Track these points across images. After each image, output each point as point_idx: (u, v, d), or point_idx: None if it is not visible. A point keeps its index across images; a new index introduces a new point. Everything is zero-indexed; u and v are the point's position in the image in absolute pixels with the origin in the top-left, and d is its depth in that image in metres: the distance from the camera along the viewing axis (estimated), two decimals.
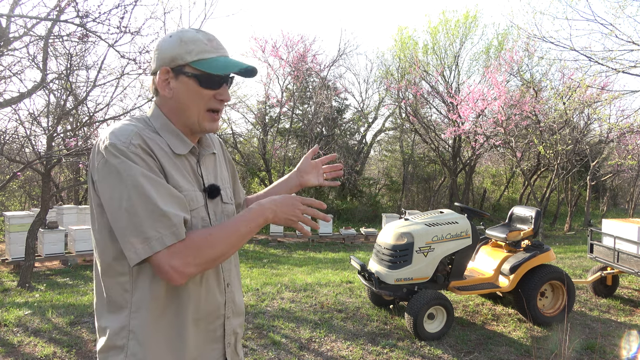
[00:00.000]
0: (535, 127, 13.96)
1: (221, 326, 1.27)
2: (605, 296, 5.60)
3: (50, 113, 9.35)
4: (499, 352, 3.91)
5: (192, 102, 1.17)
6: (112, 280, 1.14)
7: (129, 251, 1.04)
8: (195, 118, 1.19)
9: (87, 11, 4.46)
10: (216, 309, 1.25)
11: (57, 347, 3.58)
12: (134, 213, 1.03)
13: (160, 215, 1.04)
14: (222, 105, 1.21)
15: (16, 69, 6.01)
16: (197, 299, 1.19)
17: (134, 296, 1.12)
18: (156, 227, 1.03)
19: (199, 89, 1.16)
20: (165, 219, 1.04)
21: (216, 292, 1.24)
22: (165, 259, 1.03)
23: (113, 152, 1.06)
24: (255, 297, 5.09)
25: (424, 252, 4.26)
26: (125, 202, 1.04)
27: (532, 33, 8.94)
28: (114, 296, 1.14)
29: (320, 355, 3.71)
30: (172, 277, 1.05)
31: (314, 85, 16.46)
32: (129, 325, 1.12)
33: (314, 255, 10.56)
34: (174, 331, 1.15)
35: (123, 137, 1.09)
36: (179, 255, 1.04)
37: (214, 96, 1.18)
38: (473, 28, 16.52)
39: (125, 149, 1.07)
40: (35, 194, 13.77)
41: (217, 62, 1.15)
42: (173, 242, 1.04)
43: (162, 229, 1.04)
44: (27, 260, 6.87)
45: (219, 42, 1.20)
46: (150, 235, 1.03)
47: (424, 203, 19.27)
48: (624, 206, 22.51)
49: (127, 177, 1.04)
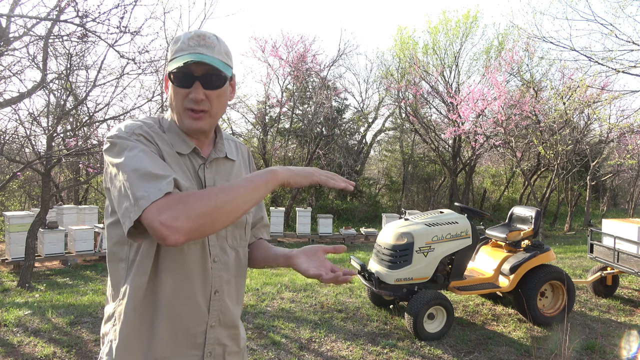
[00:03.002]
0: (535, 127, 13.96)
1: (202, 333, 1.23)
2: (605, 296, 5.60)
3: (50, 113, 9.35)
4: (499, 352, 3.91)
5: (174, 101, 1.21)
6: (114, 267, 1.20)
7: (124, 217, 1.05)
8: (178, 117, 1.22)
9: (86, 11, 4.46)
10: (196, 313, 1.21)
11: (57, 347, 3.58)
12: (128, 181, 1.05)
13: (150, 177, 1.05)
14: (197, 104, 1.18)
15: (16, 69, 6.01)
16: (175, 297, 1.18)
17: (124, 284, 1.17)
18: (145, 188, 1.03)
19: (175, 87, 1.19)
20: (154, 180, 1.04)
21: (199, 296, 1.21)
22: (154, 215, 1.00)
23: (115, 136, 1.14)
24: (255, 297, 5.09)
25: (424, 252, 4.26)
26: (122, 174, 1.07)
27: (532, 33, 8.96)
28: (115, 284, 1.20)
29: (320, 355, 3.71)
30: (164, 234, 0.99)
31: (314, 85, 16.45)
32: (115, 312, 1.18)
33: None
34: (145, 324, 1.17)
35: (128, 128, 1.15)
36: (166, 209, 1.00)
37: (187, 95, 1.18)
38: (473, 28, 16.51)
39: (127, 136, 1.13)
40: (35, 194, 13.76)
41: (179, 59, 1.16)
42: (159, 197, 1.01)
43: (150, 189, 1.03)
44: (27, 260, 6.87)
45: (200, 41, 1.19)
46: (139, 196, 1.02)
47: (424, 203, 19.26)
48: (624, 206, 22.50)
49: (125, 152, 1.09)
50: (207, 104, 1.20)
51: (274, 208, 12.78)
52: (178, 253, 1.17)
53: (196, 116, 1.20)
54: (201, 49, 1.18)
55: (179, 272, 1.18)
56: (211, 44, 1.20)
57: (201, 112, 1.20)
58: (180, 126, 1.23)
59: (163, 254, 1.16)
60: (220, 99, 1.22)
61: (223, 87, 1.22)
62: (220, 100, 1.23)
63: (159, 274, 1.16)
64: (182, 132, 1.23)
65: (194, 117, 1.20)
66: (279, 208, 13.34)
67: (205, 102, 1.19)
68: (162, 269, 1.16)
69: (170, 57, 1.20)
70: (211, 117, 1.22)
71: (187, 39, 1.20)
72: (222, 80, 1.21)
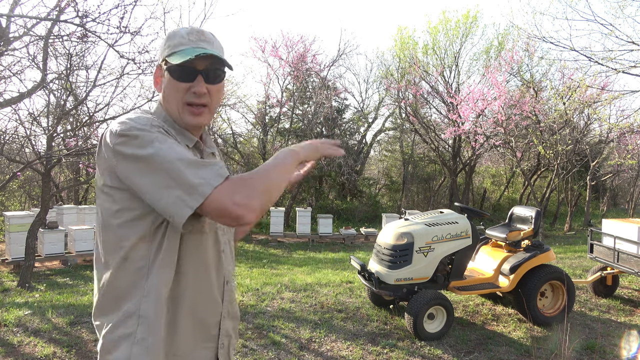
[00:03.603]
0: (535, 127, 13.96)
1: (216, 325, 1.25)
2: (605, 296, 5.60)
3: (50, 113, 9.36)
4: (499, 352, 3.91)
5: (172, 96, 1.19)
6: (127, 270, 1.13)
7: (177, 207, 1.01)
8: (176, 112, 1.20)
9: (86, 11, 4.45)
10: (213, 304, 1.23)
11: (57, 347, 3.58)
12: (175, 170, 1.02)
13: (199, 165, 1.03)
14: (199, 98, 1.18)
15: (16, 69, 6.01)
16: (196, 289, 1.18)
17: (147, 281, 1.12)
18: (200, 174, 1.01)
19: (174, 82, 1.17)
20: (203, 167, 1.03)
21: (215, 287, 1.23)
22: (226, 197, 1.01)
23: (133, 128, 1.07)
24: (255, 297, 5.09)
25: (424, 252, 4.26)
26: (160, 164, 1.03)
27: (532, 33, 8.96)
28: (125, 287, 1.13)
29: (320, 355, 3.71)
30: (240, 214, 1.01)
31: (314, 85, 16.44)
32: (139, 310, 1.11)
33: (314, 255, 10.56)
34: (171, 319, 1.14)
35: (142, 120, 1.10)
36: (236, 190, 1.02)
37: (189, 89, 1.17)
38: (473, 28, 16.51)
39: (148, 127, 1.08)
40: (35, 194, 13.76)
41: (183, 53, 1.15)
42: (220, 181, 1.02)
43: (206, 175, 1.02)
44: (27, 260, 6.87)
45: (200, 36, 1.19)
46: (196, 183, 1.00)
47: (424, 203, 19.26)
48: (624, 206, 22.49)
49: (155, 143, 1.05)
50: (208, 98, 1.20)
51: (274, 208, 12.79)
52: (198, 243, 1.18)
53: (197, 111, 1.20)
54: (202, 44, 1.18)
55: (200, 263, 1.19)
56: (210, 39, 1.21)
57: (201, 106, 1.20)
58: (178, 121, 1.22)
59: (184, 246, 1.16)
60: (219, 93, 1.23)
61: (223, 82, 1.24)
62: (219, 95, 1.23)
63: (181, 266, 1.16)
64: (179, 126, 1.22)
65: (195, 113, 1.20)
66: (279, 208, 13.32)
67: (206, 96, 1.19)
68: (183, 262, 1.16)
69: (169, 52, 1.18)
70: (210, 112, 1.23)
71: (185, 33, 1.19)
72: (223, 74, 1.22)
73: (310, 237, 12.68)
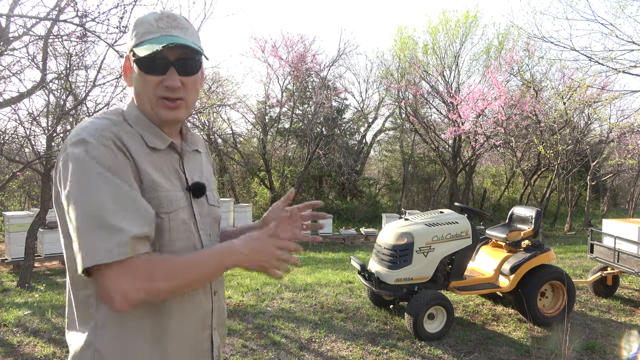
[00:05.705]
0: (535, 127, 13.95)
1: (208, 338, 1.16)
2: (606, 296, 5.59)
3: (49, 113, 9.34)
4: (499, 352, 3.91)
5: (142, 90, 1.06)
6: (78, 292, 1.03)
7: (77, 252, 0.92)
8: (149, 108, 1.07)
9: (86, 11, 4.45)
10: (203, 319, 1.14)
11: (57, 347, 3.57)
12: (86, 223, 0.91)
13: (112, 230, 0.91)
14: (172, 92, 1.05)
15: (16, 69, 6.00)
16: (181, 310, 1.07)
17: (98, 312, 1.00)
18: (104, 240, 0.90)
19: (144, 75, 1.04)
20: (116, 233, 0.91)
21: (202, 300, 1.13)
22: (113, 279, 0.90)
23: (77, 146, 0.95)
24: (255, 297, 5.08)
25: (424, 252, 4.26)
26: (79, 209, 0.92)
27: (532, 33, 8.98)
28: (81, 309, 1.03)
29: (320, 355, 3.71)
30: (116, 301, 0.91)
31: (314, 85, 16.45)
32: (95, 343, 1.00)
33: (313, 255, 10.55)
34: (153, 348, 1.03)
35: (92, 130, 0.97)
36: (129, 278, 0.91)
37: (160, 82, 1.04)
38: (473, 28, 16.51)
39: (94, 141, 0.95)
40: (35, 194, 13.76)
41: (151, 43, 1.01)
42: (120, 259, 0.89)
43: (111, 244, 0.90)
44: (27, 260, 6.86)
45: (172, 22, 1.06)
46: (95, 247, 0.89)
47: (424, 203, 19.26)
48: (624, 206, 22.49)
49: (87, 182, 0.92)
50: (183, 92, 1.07)
51: None
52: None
53: (172, 105, 1.07)
54: (174, 31, 1.05)
55: None
56: (183, 25, 1.08)
57: (177, 100, 1.07)
58: (152, 118, 1.09)
59: None
60: (196, 85, 1.11)
61: (198, 73, 1.11)
62: (195, 88, 1.11)
63: None
64: (153, 124, 1.09)
65: (170, 107, 1.07)
66: None
67: (181, 90, 1.06)
68: None
69: (136, 41, 1.04)
70: (187, 106, 1.10)
71: (154, 19, 1.05)
72: (198, 65, 1.09)
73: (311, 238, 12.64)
